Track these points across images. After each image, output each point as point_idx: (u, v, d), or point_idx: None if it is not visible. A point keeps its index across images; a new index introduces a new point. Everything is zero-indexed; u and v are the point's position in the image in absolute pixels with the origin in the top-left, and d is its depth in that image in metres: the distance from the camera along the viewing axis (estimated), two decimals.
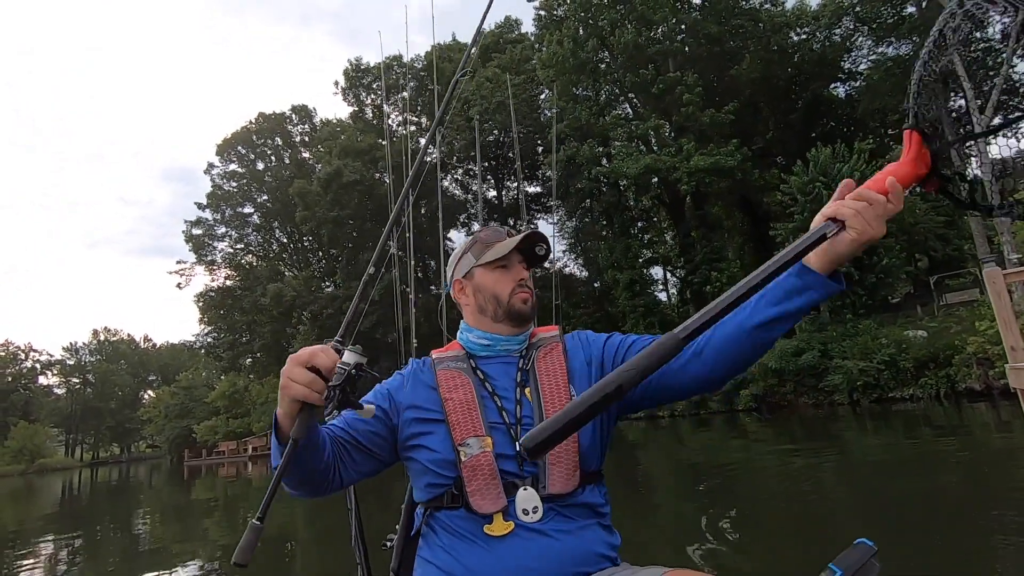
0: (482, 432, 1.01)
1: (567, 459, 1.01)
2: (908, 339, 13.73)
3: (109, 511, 12.97)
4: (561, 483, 1.00)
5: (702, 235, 21.21)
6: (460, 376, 1.08)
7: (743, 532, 4.32)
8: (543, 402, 1.05)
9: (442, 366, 1.11)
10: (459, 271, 1.17)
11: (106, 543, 8.00)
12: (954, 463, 6.28)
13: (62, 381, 72.21)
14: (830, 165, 15.61)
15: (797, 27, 22.07)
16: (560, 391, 1.07)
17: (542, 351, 1.13)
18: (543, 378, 1.08)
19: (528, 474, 1.00)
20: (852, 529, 4.14)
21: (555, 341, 1.15)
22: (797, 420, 13.61)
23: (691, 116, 19.20)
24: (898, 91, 17.06)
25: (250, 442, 34.24)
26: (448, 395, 1.06)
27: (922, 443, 8.23)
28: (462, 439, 1.01)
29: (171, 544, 7.30)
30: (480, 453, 0.99)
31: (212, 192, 41.28)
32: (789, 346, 15.70)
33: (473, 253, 1.15)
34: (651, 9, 20.16)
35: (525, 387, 1.08)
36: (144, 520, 10.47)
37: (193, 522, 9.52)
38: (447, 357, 1.13)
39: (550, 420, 0.67)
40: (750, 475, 7.33)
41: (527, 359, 1.12)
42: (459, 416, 1.03)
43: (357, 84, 33.25)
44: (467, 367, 1.10)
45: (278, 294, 32.67)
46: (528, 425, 1.03)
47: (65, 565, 6.43)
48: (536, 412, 1.04)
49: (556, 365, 1.10)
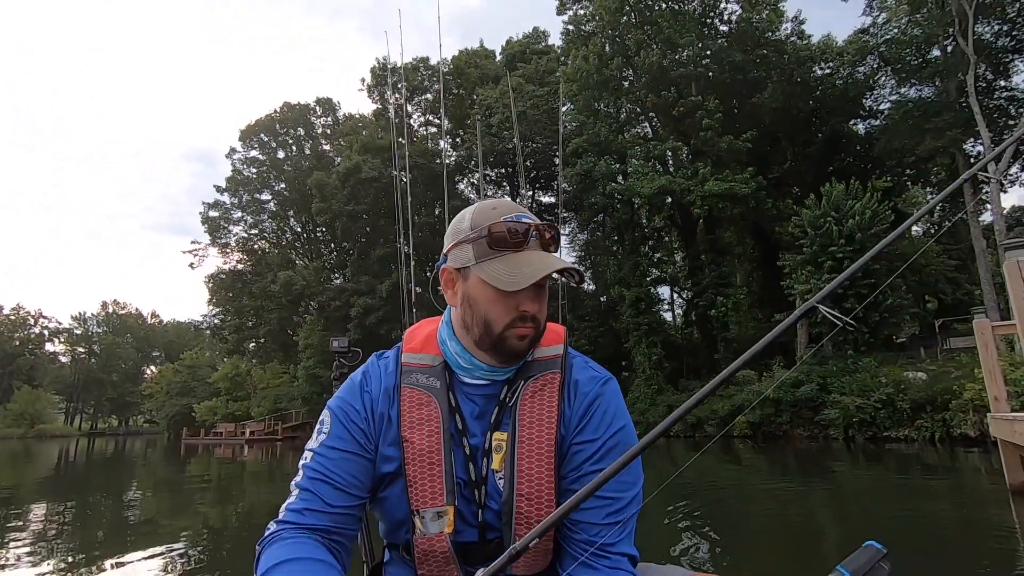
0: (442, 502, 0.83)
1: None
2: (907, 380, 13.76)
3: (106, 480, 13.27)
4: (528, 564, 0.86)
5: (711, 259, 21.32)
6: (428, 404, 0.87)
7: (730, 543, 4.49)
8: (516, 468, 0.84)
9: (409, 381, 0.89)
10: (454, 258, 0.87)
11: (99, 511, 8.19)
12: (937, 499, 6.41)
13: (68, 349, 73.17)
14: (842, 201, 15.73)
15: (822, 61, 22.22)
16: (541, 452, 0.85)
17: (532, 385, 0.88)
18: (523, 431, 0.85)
19: (492, 539, 0.86)
20: (837, 540, 4.32)
21: (553, 372, 0.89)
22: (792, 451, 13.67)
23: (709, 141, 19.38)
24: (916, 133, 17.16)
25: (248, 426, 34.52)
26: (408, 435, 0.85)
27: (911, 480, 8.33)
28: (418, 507, 0.84)
29: (161, 519, 7.49)
30: (436, 536, 0.84)
31: (232, 177, 41.89)
32: (789, 377, 15.77)
33: (476, 249, 0.84)
34: (678, 33, 20.41)
35: (498, 430, 0.87)
36: (139, 492, 10.75)
37: (185, 498, 9.71)
38: (418, 366, 0.91)
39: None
40: (740, 496, 7.48)
41: (512, 391, 0.88)
42: (418, 472, 0.84)
43: (383, 82, 33.75)
44: (440, 389, 0.88)
45: (288, 282, 33.04)
46: (493, 495, 0.85)
47: (56, 528, 6.60)
48: (506, 480, 0.85)
49: (545, 411, 0.86)
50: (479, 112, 27.00)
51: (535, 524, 0.82)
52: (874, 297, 15.05)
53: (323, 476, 0.84)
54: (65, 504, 8.77)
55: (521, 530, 0.83)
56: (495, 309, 0.82)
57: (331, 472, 0.84)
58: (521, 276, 0.79)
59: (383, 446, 0.87)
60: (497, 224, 0.82)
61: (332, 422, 0.88)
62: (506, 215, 0.84)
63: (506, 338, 0.83)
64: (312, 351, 30.47)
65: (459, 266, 0.86)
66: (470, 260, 0.84)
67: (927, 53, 17.99)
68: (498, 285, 0.80)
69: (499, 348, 0.84)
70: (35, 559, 4.77)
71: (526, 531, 0.81)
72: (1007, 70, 19.43)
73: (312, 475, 0.84)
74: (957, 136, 16.42)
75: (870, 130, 21.45)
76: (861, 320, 15.21)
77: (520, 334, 0.83)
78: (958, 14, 15.69)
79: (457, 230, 0.87)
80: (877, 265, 15.22)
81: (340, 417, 0.88)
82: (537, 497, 0.84)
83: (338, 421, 0.88)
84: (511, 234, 0.82)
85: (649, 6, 21.57)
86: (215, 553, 5.16)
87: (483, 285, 0.83)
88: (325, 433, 0.87)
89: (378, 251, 30.02)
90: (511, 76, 27.89)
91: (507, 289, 0.80)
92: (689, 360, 22.59)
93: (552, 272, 0.80)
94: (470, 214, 0.87)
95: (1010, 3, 17.37)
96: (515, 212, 0.85)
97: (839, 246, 15.32)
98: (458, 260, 0.86)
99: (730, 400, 17.12)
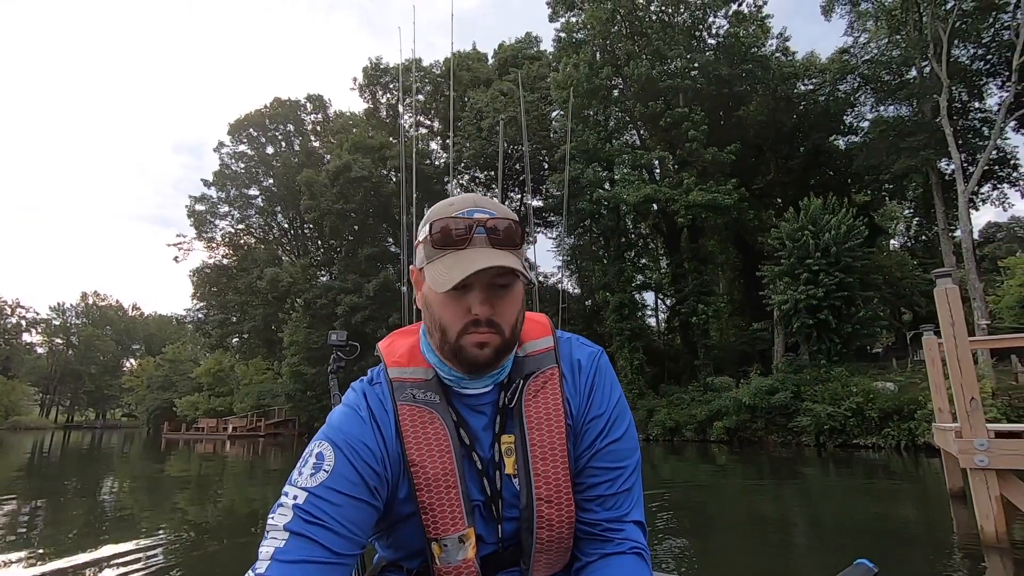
0: (463, 525, 0.78)
1: (560, 533, 0.81)
2: (876, 390, 14.25)
3: (83, 474, 13.24)
4: (547, 567, 0.84)
5: (694, 267, 21.77)
6: (432, 422, 0.80)
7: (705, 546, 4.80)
8: (532, 472, 0.80)
9: (405, 398, 0.81)
10: (418, 258, 0.82)
11: (73, 506, 8.08)
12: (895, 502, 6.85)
13: (45, 340, 71.93)
14: (819, 215, 16.24)
15: (805, 78, 22.83)
16: (555, 454, 0.81)
17: (533, 384, 0.83)
18: (533, 434, 0.81)
19: (509, 547, 0.83)
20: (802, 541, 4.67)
21: (550, 366, 0.84)
22: (765, 456, 14.09)
23: (694, 152, 19.82)
24: (892, 151, 17.77)
25: (230, 421, 34.35)
26: (417, 458, 0.78)
27: (874, 484, 8.76)
28: (437, 535, 0.77)
29: (141, 512, 7.57)
30: (460, 563, 0.78)
31: (219, 171, 41.61)
32: (764, 384, 16.24)
33: (425, 248, 0.79)
34: (667, 45, 20.84)
35: (504, 436, 0.82)
36: (117, 487, 10.78)
37: (163, 495, 9.76)
38: (411, 381, 0.82)
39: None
40: (717, 497, 7.84)
41: (510, 393, 0.83)
42: (433, 500, 0.77)
43: (375, 82, 33.82)
44: (441, 403, 0.81)
45: (275, 279, 32.96)
46: (511, 503, 0.81)
47: (26, 525, 6.53)
48: (523, 486, 0.81)
49: (552, 410, 0.82)
50: (470, 115, 27.25)
51: (557, 527, 0.80)
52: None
53: (321, 522, 0.70)
54: (36, 502, 8.58)
55: (543, 533, 0.80)
56: (446, 313, 0.76)
57: (333, 519, 0.71)
58: (451, 276, 0.72)
59: (401, 488, 0.79)
60: (439, 220, 0.76)
61: (337, 459, 0.74)
62: (461, 211, 0.77)
63: (463, 347, 0.76)
64: (297, 348, 30.44)
65: (420, 267, 0.81)
66: (423, 260, 0.79)
67: (904, 74, 18.63)
68: (433, 286, 0.74)
69: (459, 357, 0.77)
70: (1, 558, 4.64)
71: (548, 535, 0.80)
72: (981, 92, 20.20)
73: (308, 519, 0.70)
74: (930, 156, 17.05)
75: (850, 146, 22.08)
76: (834, 331, 15.72)
77: (476, 341, 0.75)
78: (933, 38, 16.30)
79: (421, 228, 0.82)
80: (851, 279, 15.78)
81: (347, 455, 0.75)
82: (557, 500, 0.80)
83: (345, 460, 0.75)
84: (452, 231, 0.75)
85: (640, 17, 21.99)
86: (191, 551, 5.11)
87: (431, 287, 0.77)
88: (326, 472, 0.73)
89: (366, 250, 30.10)
90: (507, 79, 28.18)
91: (437, 290, 0.73)
92: (670, 365, 23.02)
93: (481, 269, 0.71)
94: (430, 212, 0.80)
95: (985, 29, 18.07)
96: (472, 207, 0.77)
97: (815, 259, 15.83)
98: (419, 260, 0.81)
99: (708, 406, 17.56)
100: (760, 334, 21.45)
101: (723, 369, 20.34)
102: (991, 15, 17.41)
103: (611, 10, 21.50)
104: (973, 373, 4.32)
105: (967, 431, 4.32)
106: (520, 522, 0.81)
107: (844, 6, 18.73)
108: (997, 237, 52.41)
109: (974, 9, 17.04)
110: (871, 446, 13.86)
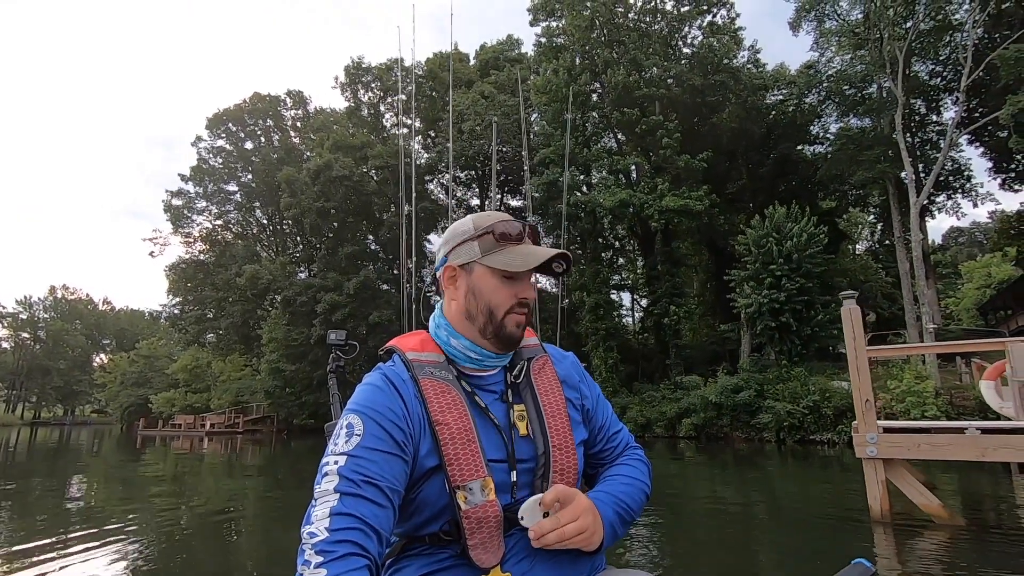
0: (484, 472, 0.88)
1: (569, 480, 0.95)
2: (832, 389, 15.12)
3: (51, 471, 13.30)
4: None
5: (667, 269, 22.52)
6: (450, 392, 0.92)
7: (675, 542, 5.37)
8: (547, 428, 0.96)
9: (424, 374, 0.94)
10: (456, 256, 0.99)
11: (40, 506, 7.94)
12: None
13: (11, 334, 70.01)
14: (783, 223, 17.09)
15: (775, 88, 23.74)
16: (560, 414, 0.98)
17: (536, 363, 1.03)
18: (544, 397, 0.99)
19: (521, 498, 0.91)
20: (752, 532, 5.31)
21: (544, 354, 1.06)
22: (730, 451, 14.84)
23: (668, 158, 20.53)
24: (852, 163, 18.73)
25: (208, 418, 34.18)
26: (441, 418, 0.89)
27: (827, 474, 9.51)
28: (462, 482, 0.87)
29: (116, 506, 7.74)
30: (486, 503, 0.87)
31: (197, 166, 41.14)
32: (730, 383, 17.04)
33: (481, 245, 0.97)
34: (644, 55, 21.51)
35: (516, 406, 0.98)
36: (88, 485, 10.91)
37: (139, 490, 9.87)
38: (427, 362, 0.96)
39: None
40: (686, 489, 8.45)
41: (517, 373, 1.01)
42: (458, 452, 0.88)
43: (356, 81, 33.86)
44: (454, 380, 0.95)
45: (254, 276, 32.84)
46: (526, 459, 0.94)
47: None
48: (539, 438, 0.95)
49: (552, 383, 1.02)
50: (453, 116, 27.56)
51: (567, 471, 0.94)
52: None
53: (367, 478, 0.80)
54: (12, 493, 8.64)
55: (556, 478, 0.93)
56: (498, 296, 0.95)
57: (376, 474, 0.81)
58: (528, 259, 0.95)
59: (423, 445, 0.88)
60: (500, 223, 0.98)
61: (366, 424, 0.84)
62: (502, 219, 0.99)
63: (505, 324, 0.95)
64: (276, 345, 30.43)
65: (463, 262, 0.98)
66: (475, 255, 0.97)
67: (865, 89, 19.60)
68: (509, 268, 0.94)
69: (499, 335, 0.95)
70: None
71: (560, 479, 0.93)
72: (939, 107, 21.35)
73: (353, 477, 0.79)
74: (887, 168, 18.04)
75: (815, 156, 23.07)
76: (795, 333, 16.57)
77: (517, 320, 0.96)
78: (890, 58, 17.24)
79: (458, 233, 1.00)
80: (811, 284, 16.66)
81: (374, 417, 0.85)
82: (567, 447, 0.96)
83: (372, 421, 0.85)
84: (513, 230, 0.98)
85: (618, 25, 22.61)
86: (166, 551, 5.10)
87: (489, 275, 0.96)
88: (358, 436, 0.83)
89: (347, 248, 30.21)
90: (487, 81, 28.57)
91: (519, 269, 0.94)
92: (644, 364, 23.78)
93: (549, 257, 0.94)
94: (472, 220, 1.00)
95: (942, 47, 19.14)
96: (508, 218, 1.00)
97: (778, 264, 16.67)
98: (461, 257, 0.98)
99: (677, 403, 18.32)
100: (729, 335, 22.33)
101: (694, 368, 21.12)
102: (948, 34, 18.47)
103: (590, 17, 22.08)
104: (869, 379, 5.06)
105: (862, 427, 5.16)
106: (535, 471, 0.94)
107: (811, 23, 19.59)
108: (959, 241, 54.66)
109: (932, 29, 18.06)
110: (826, 441, 14.71)
